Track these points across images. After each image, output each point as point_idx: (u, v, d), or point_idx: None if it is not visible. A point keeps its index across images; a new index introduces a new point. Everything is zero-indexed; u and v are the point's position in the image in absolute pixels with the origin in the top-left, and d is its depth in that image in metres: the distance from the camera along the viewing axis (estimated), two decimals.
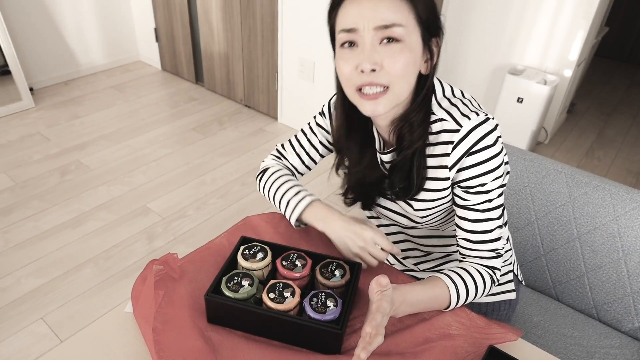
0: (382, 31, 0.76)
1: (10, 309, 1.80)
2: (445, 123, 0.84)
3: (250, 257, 0.89)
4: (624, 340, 1.19)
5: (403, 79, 0.79)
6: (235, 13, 3.04)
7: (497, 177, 0.84)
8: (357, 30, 0.77)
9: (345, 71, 0.81)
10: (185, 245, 2.13)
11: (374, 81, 0.78)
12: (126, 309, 0.87)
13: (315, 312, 0.79)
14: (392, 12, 0.75)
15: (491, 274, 0.91)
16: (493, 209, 0.87)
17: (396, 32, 0.76)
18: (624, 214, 1.14)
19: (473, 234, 0.89)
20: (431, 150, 0.87)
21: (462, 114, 0.83)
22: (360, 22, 0.76)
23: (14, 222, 2.20)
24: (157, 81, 3.71)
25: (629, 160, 3.06)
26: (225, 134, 3.05)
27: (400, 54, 0.77)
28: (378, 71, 0.77)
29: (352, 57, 0.79)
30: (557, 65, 2.89)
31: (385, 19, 0.75)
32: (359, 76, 0.79)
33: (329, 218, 0.95)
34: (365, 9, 0.76)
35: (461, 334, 0.85)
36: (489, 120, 0.82)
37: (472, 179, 0.84)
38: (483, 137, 0.81)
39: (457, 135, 0.82)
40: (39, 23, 3.26)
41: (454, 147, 0.83)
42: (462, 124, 0.82)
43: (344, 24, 0.78)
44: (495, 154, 0.82)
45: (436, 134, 0.85)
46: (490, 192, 0.85)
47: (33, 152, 2.73)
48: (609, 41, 4.49)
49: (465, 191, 0.86)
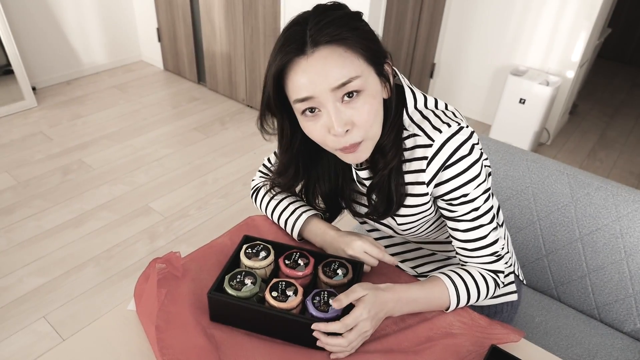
0: (340, 90, 0.73)
1: (12, 308, 1.80)
2: (418, 138, 0.83)
3: (253, 255, 0.89)
4: (626, 341, 1.19)
5: (375, 125, 0.78)
6: (238, 13, 3.04)
7: (479, 184, 0.83)
8: (313, 97, 0.73)
9: (317, 136, 0.78)
10: (187, 245, 2.13)
11: (349, 141, 0.76)
12: (129, 307, 0.87)
13: (317, 310, 0.79)
14: (342, 67, 0.72)
15: (495, 278, 0.91)
16: (482, 215, 0.86)
17: (354, 85, 0.73)
18: (626, 215, 1.14)
19: (468, 243, 0.88)
20: (407, 166, 0.86)
21: (433, 127, 0.81)
22: (314, 89, 0.72)
23: (16, 222, 2.21)
24: (159, 81, 3.71)
25: (631, 162, 3.06)
26: (227, 134, 3.05)
27: (365, 105, 0.75)
28: (350, 130, 0.76)
29: (318, 121, 0.76)
30: (560, 66, 2.89)
31: (339, 78, 0.72)
32: (335, 139, 0.76)
33: (325, 234, 0.97)
34: (315, 75, 0.72)
35: (463, 334, 0.85)
36: (462, 129, 0.81)
37: (453, 190, 0.83)
38: (457, 149, 0.80)
39: (430, 150, 0.81)
40: (41, 23, 3.27)
41: (429, 163, 0.82)
42: (434, 138, 0.80)
43: (298, 94, 0.74)
44: (472, 162, 0.81)
45: (410, 149, 0.84)
46: (475, 199, 0.84)
47: (35, 152, 2.73)
48: (612, 43, 4.48)
49: (449, 204, 0.85)
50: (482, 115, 3.36)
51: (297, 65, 0.73)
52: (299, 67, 0.73)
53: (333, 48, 0.72)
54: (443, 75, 3.46)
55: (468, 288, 0.87)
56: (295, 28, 0.74)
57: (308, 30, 0.72)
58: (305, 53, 0.72)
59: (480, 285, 0.88)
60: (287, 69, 0.74)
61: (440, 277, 0.88)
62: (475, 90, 3.34)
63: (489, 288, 0.89)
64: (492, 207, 0.88)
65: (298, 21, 0.75)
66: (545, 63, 2.93)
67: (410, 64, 3.21)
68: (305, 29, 0.72)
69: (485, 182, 0.85)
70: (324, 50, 0.71)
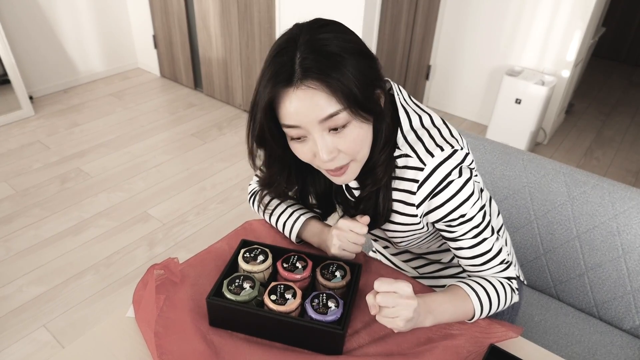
0: (327, 122, 0.73)
1: (12, 317, 1.80)
2: (409, 159, 0.83)
3: (251, 259, 0.89)
4: (625, 338, 1.19)
5: (363, 149, 0.79)
6: (233, 19, 3.05)
7: (474, 202, 0.83)
8: (301, 127, 0.74)
9: (305, 158, 0.80)
10: (186, 250, 2.13)
11: (336, 165, 0.78)
12: (128, 314, 0.87)
13: (316, 313, 0.79)
14: (328, 101, 0.72)
15: (509, 284, 0.90)
16: (483, 230, 0.86)
17: (340, 119, 0.73)
18: (622, 212, 1.14)
19: (476, 259, 0.89)
20: (397, 184, 0.86)
21: (426, 150, 0.81)
22: (301, 120, 0.73)
23: (14, 231, 2.20)
24: (156, 88, 3.72)
25: (628, 160, 3.07)
26: (224, 139, 3.05)
27: (352, 134, 0.75)
28: (336, 156, 0.77)
29: (306, 146, 0.78)
30: (555, 66, 2.90)
31: (326, 110, 0.72)
32: (321, 163, 0.78)
33: (322, 232, 0.98)
34: (302, 106, 0.72)
35: (463, 334, 0.85)
36: (456, 152, 0.81)
37: (450, 213, 0.83)
38: (448, 175, 0.80)
39: (421, 174, 0.81)
40: (37, 32, 3.27)
41: (419, 187, 0.82)
42: (425, 162, 0.81)
43: (286, 119, 0.75)
44: (462, 183, 0.81)
45: (401, 168, 0.84)
46: (473, 218, 0.84)
47: (33, 161, 2.73)
48: (606, 41, 4.51)
49: (449, 225, 0.86)
50: (478, 116, 3.37)
51: (285, 94, 0.73)
52: (287, 96, 0.73)
53: (319, 84, 0.71)
54: (439, 76, 3.47)
55: (489, 295, 0.86)
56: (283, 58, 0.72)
57: (297, 59, 0.71)
58: (293, 84, 0.72)
59: (500, 292, 0.88)
60: (277, 98, 0.74)
61: (460, 286, 0.87)
62: (471, 91, 3.35)
63: (507, 295, 0.89)
64: (490, 220, 0.88)
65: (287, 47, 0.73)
66: (541, 63, 2.94)
67: (406, 66, 3.22)
68: (294, 58, 0.71)
69: (480, 200, 0.85)
70: (312, 83, 0.71)
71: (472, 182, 0.82)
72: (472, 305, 0.84)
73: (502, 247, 0.90)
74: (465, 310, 0.84)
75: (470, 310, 0.85)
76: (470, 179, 0.82)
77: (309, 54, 0.71)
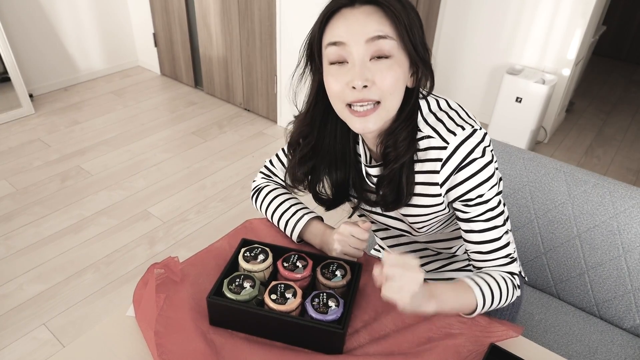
0: (372, 44, 0.76)
1: (12, 315, 1.80)
2: (432, 140, 0.84)
3: (251, 259, 0.89)
4: (626, 337, 1.19)
5: (393, 94, 0.79)
6: (234, 17, 3.05)
7: (492, 185, 0.84)
8: (345, 44, 0.76)
9: (335, 88, 0.80)
10: (186, 249, 2.13)
11: (366, 97, 0.78)
12: (128, 313, 0.87)
13: (317, 312, 0.79)
14: (381, 25, 0.76)
15: (512, 279, 0.90)
16: (497, 217, 0.87)
17: (386, 46, 0.76)
18: (623, 212, 1.14)
19: (483, 245, 0.88)
20: (420, 166, 0.86)
21: (448, 130, 0.83)
22: (349, 36, 0.76)
23: (15, 229, 2.20)
24: (156, 86, 3.71)
25: (629, 159, 3.07)
26: (225, 138, 3.05)
27: (390, 70, 0.77)
28: (369, 87, 0.77)
29: (342, 73, 0.78)
30: (555, 64, 2.89)
31: (376, 31, 0.75)
32: (351, 92, 0.78)
33: (323, 234, 0.98)
34: (355, 23, 0.76)
35: (463, 333, 0.85)
36: (476, 132, 0.82)
37: (469, 192, 0.84)
38: (471, 152, 0.81)
39: (444, 153, 0.82)
40: (37, 29, 3.27)
41: (443, 165, 0.83)
42: (448, 141, 0.82)
43: (333, 36, 0.77)
44: (485, 163, 0.82)
45: (424, 150, 0.85)
46: (489, 200, 0.85)
47: (33, 159, 2.73)
48: (607, 40, 4.50)
49: (465, 205, 0.86)
50: (479, 114, 3.37)
51: (341, 14, 0.77)
52: (343, 15, 0.77)
53: (380, 9, 0.76)
54: (439, 75, 3.46)
55: (492, 289, 0.86)
56: None
57: None
58: (354, 5, 0.77)
59: (502, 287, 0.87)
60: (333, 16, 0.78)
61: (464, 280, 0.87)
62: (471, 90, 3.34)
63: (509, 290, 0.89)
64: (504, 210, 0.88)
65: None
66: (541, 61, 2.94)
67: None
68: None
69: (497, 186, 0.86)
70: (371, 7, 0.76)
71: (493, 165, 0.84)
72: (474, 297, 0.85)
73: (510, 241, 0.90)
74: (467, 301, 0.85)
75: (472, 302, 0.85)
76: (491, 161, 0.84)
77: None
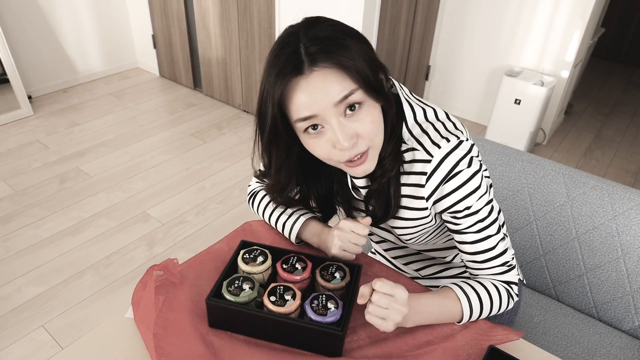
0: (341, 104, 0.73)
1: (11, 317, 1.79)
2: (416, 152, 0.83)
3: (250, 260, 0.89)
4: (625, 339, 1.19)
5: (378, 133, 0.78)
6: (233, 18, 3.05)
7: (481, 195, 0.83)
8: (316, 116, 0.73)
9: (321, 153, 0.78)
10: (186, 251, 2.13)
11: (356, 152, 0.76)
12: (127, 315, 0.87)
13: (316, 314, 0.79)
14: (341, 82, 0.72)
15: (508, 289, 0.89)
16: (488, 226, 0.85)
17: (354, 98, 0.73)
18: (622, 213, 1.14)
19: (477, 255, 0.88)
20: (405, 179, 0.86)
21: (432, 142, 0.81)
22: (317, 107, 0.73)
23: (13, 230, 2.20)
24: (155, 87, 3.71)
25: (627, 160, 3.07)
26: (224, 139, 3.05)
27: (367, 116, 0.75)
28: (356, 142, 0.76)
29: (322, 137, 0.76)
30: (554, 66, 2.90)
31: (340, 92, 0.72)
32: (340, 152, 0.76)
33: (321, 233, 0.98)
34: (316, 93, 0.72)
35: (463, 336, 0.85)
36: (462, 143, 0.81)
37: (456, 204, 0.83)
38: (456, 164, 0.80)
39: (429, 166, 0.81)
40: (36, 31, 3.27)
41: (428, 178, 0.82)
42: (432, 154, 0.80)
43: (300, 113, 0.74)
44: (471, 174, 0.81)
45: (409, 162, 0.84)
46: (478, 211, 0.84)
47: (32, 160, 2.73)
48: (605, 42, 4.51)
49: (454, 217, 0.85)
50: (477, 116, 3.38)
51: (297, 85, 0.72)
52: (299, 87, 0.72)
53: (331, 65, 0.71)
54: (438, 77, 3.47)
55: (481, 299, 0.85)
56: (287, 50, 0.72)
57: (302, 48, 0.71)
58: (303, 73, 0.71)
59: (494, 297, 0.87)
60: (288, 92, 0.74)
61: (452, 288, 0.86)
62: (470, 92, 3.35)
63: (502, 300, 0.88)
64: (497, 218, 0.87)
65: (289, 41, 0.73)
66: (540, 63, 2.94)
67: (406, 66, 3.22)
68: (299, 48, 0.72)
69: (487, 194, 0.85)
70: (322, 68, 0.71)
71: (480, 174, 0.82)
72: (460, 308, 0.84)
73: (507, 248, 0.89)
74: (452, 312, 0.84)
75: (457, 313, 0.85)
76: (478, 171, 0.82)
77: (312, 42, 0.72)
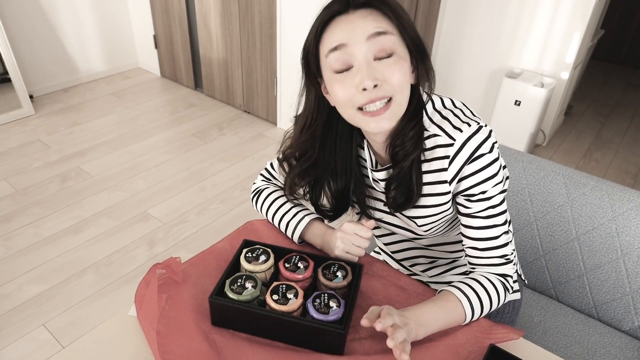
0: (374, 41, 0.76)
1: (12, 316, 1.80)
2: (438, 138, 0.84)
3: (253, 259, 0.89)
4: (624, 339, 1.20)
5: (403, 89, 0.79)
6: (234, 19, 3.06)
7: (497, 182, 0.84)
8: (347, 45, 0.76)
9: (344, 95, 0.79)
10: (186, 250, 2.14)
11: (378, 95, 0.77)
12: (130, 313, 0.88)
13: (318, 313, 0.80)
14: (379, 22, 0.77)
15: (503, 282, 0.90)
16: (497, 215, 0.87)
17: (387, 42, 0.76)
18: (621, 214, 1.15)
19: (479, 242, 0.89)
20: (427, 166, 0.86)
21: (454, 127, 0.83)
22: (350, 37, 0.76)
23: (14, 229, 2.21)
24: (156, 87, 3.72)
25: (627, 162, 3.08)
26: (224, 140, 3.06)
27: (396, 65, 0.77)
28: (380, 85, 0.77)
29: (349, 78, 0.78)
30: (554, 68, 2.91)
31: (376, 27, 0.76)
32: (361, 95, 0.77)
33: (325, 234, 0.98)
34: (353, 25, 0.76)
35: (464, 334, 0.86)
36: (482, 128, 0.82)
37: (473, 187, 0.84)
38: (478, 147, 0.81)
39: (451, 150, 0.82)
40: (38, 30, 3.27)
41: (451, 161, 0.83)
42: (455, 138, 0.82)
43: (333, 42, 0.77)
44: (492, 160, 0.83)
45: (431, 149, 0.85)
46: (492, 198, 0.85)
47: (33, 159, 2.74)
48: (605, 43, 4.51)
49: (467, 199, 0.86)
50: None
51: (337, 20, 0.78)
52: (338, 21, 0.77)
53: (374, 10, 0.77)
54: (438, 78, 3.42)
55: (480, 298, 0.86)
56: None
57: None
58: (347, 11, 0.77)
59: (491, 293, 0.87)
60: (328, 25, 0.78)
61: (452, 292, 0.87)
62: (470, 93, 3.35)
63: (499, 294, 0.89)
64: (506, 210, 0.88)
65: None
66: (540, 65, 2.95)
67: None
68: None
69: (502, 184, 0.86)
70: (365, 10, 0.77)
71: (499, 163, 0.84)
72: (462, 309, 0.85)
73: (509, 242, 0.90)
74: (457, 316, 0.85)
75: (461, 315, 0.85)
76: (498, 159, 0.84)
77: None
